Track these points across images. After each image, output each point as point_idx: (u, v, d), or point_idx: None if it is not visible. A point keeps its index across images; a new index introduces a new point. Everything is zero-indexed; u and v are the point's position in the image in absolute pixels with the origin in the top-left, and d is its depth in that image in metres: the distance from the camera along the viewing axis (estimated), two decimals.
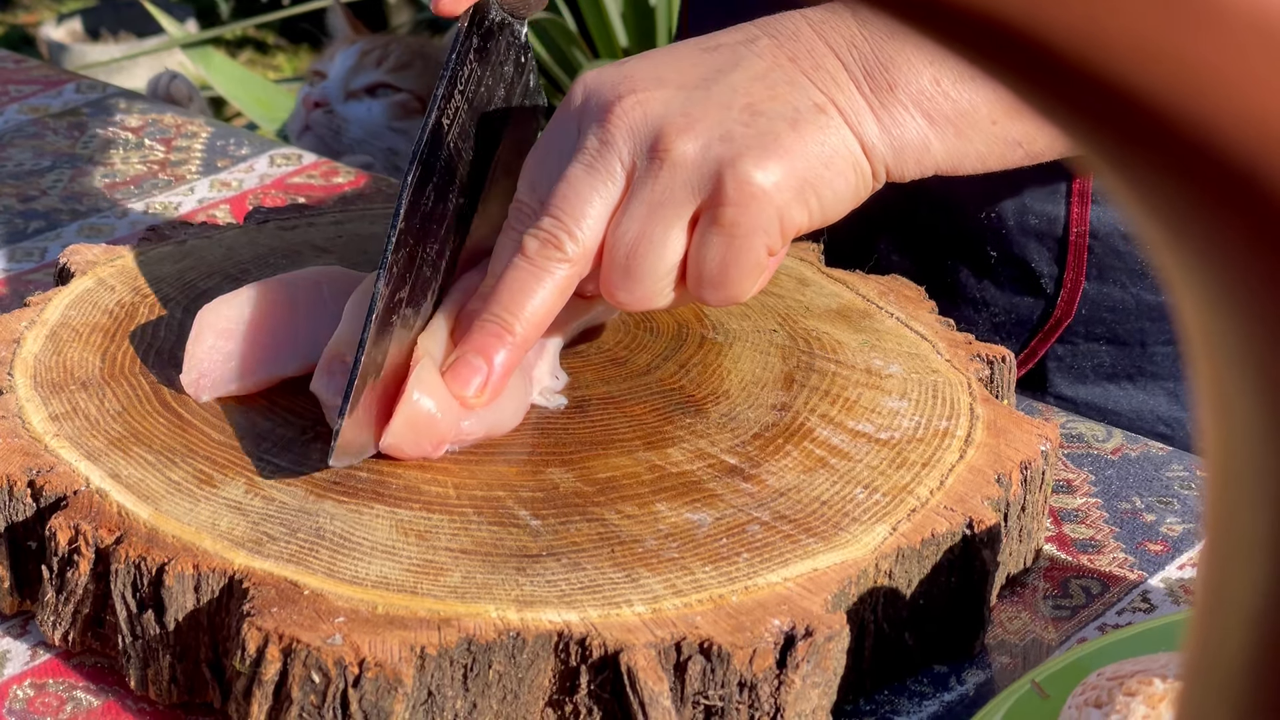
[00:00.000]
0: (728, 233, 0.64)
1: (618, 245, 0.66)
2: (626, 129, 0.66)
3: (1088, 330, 0.88)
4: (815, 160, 0.66)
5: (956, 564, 0.63)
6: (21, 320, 0.73)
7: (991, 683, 0.64)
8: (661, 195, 0.65)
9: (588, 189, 0.66)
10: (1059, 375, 0.89)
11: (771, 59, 0.67)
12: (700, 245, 0.65)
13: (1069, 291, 0.87)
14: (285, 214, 0.85)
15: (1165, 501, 0.73)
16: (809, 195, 0.66)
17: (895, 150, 0.68)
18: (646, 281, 0.66)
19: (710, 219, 0.65)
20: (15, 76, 1.16)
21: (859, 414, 0.69)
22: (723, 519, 0.63)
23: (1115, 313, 0.87)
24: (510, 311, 0.66)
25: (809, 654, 0.57)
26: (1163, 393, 0.89)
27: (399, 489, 0.64)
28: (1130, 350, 0.88)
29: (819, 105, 0.66)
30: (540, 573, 0.59)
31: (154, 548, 0.60)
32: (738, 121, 0.65)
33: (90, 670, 0.63)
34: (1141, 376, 0.88)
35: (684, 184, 0.65)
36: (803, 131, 0.66)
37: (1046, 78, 0.20)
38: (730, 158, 0.64)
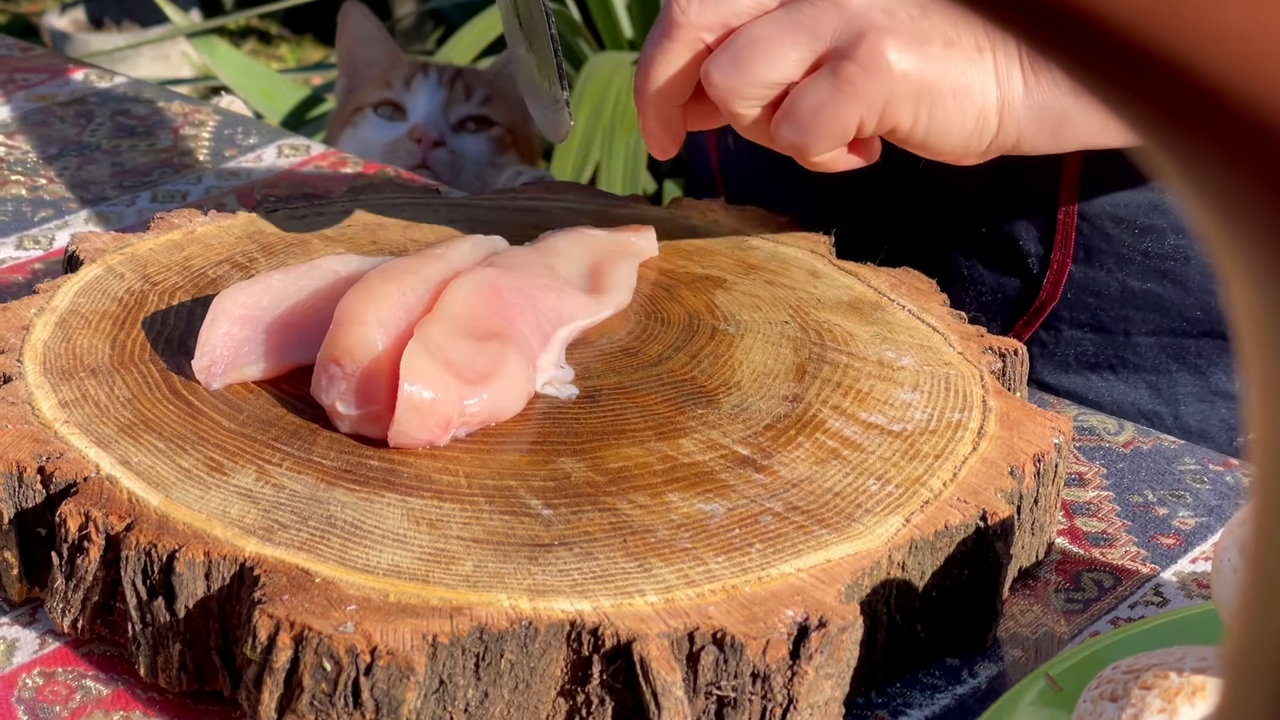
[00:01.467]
0: (838, 85, 0.67)
1: (744, 32, 0.68)
2: None
3: (1072, 316, 0.87)
4: (947, 81, 0.69)
5: (969, 556, 0.63)
6: (31, 307, 0.73)
7: (1003, 675, 0.63)
8: (808, 19, 0.68)
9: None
10: (1041, 362, 0.89)
11: None
12: (809, 84, 0.68)
13: (1055, 273, 0.86)
14: (293, 203, 0.85)
15: (1177, 495, 0.73)
16: (923, 104, 0.68)
17: (1034, 115, 0.70)
18: (745, 78, 0.68)
19: (832, 68, 0.67)
20: (22, 65, 1.16)
21: (871, 406, 0.69)
22: (735, 509, 0.63)
23: (1100, 298, 0.87)
24: (644, 74, 0.72)
25: (822, 645, 0.57)
26: (1144, 385, 0.88)
27: (410, 478, 0.64)
28: (1113, 339, 0.87)
29: (980, 47, 0.69)
30: (552, 562, 0.59)
31: (164, 535, 0.60)
32: (907, 10, 0.68)
33: (99, 659, 0.63)
34: (1124, 368, 0.88)
35: (832, 23, 0.68)
36: (953, 53, 0.69)
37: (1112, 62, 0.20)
38: (882, 27, 0.67)
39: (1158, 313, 0.86)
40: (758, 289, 0.78)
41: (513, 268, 0.73)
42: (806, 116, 0.67)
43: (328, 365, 0.66)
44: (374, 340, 0.66)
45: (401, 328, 0.67)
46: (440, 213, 0.85)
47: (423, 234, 0.82)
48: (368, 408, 0.65)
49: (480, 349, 0.67)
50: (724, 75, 0.68)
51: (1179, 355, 0.87)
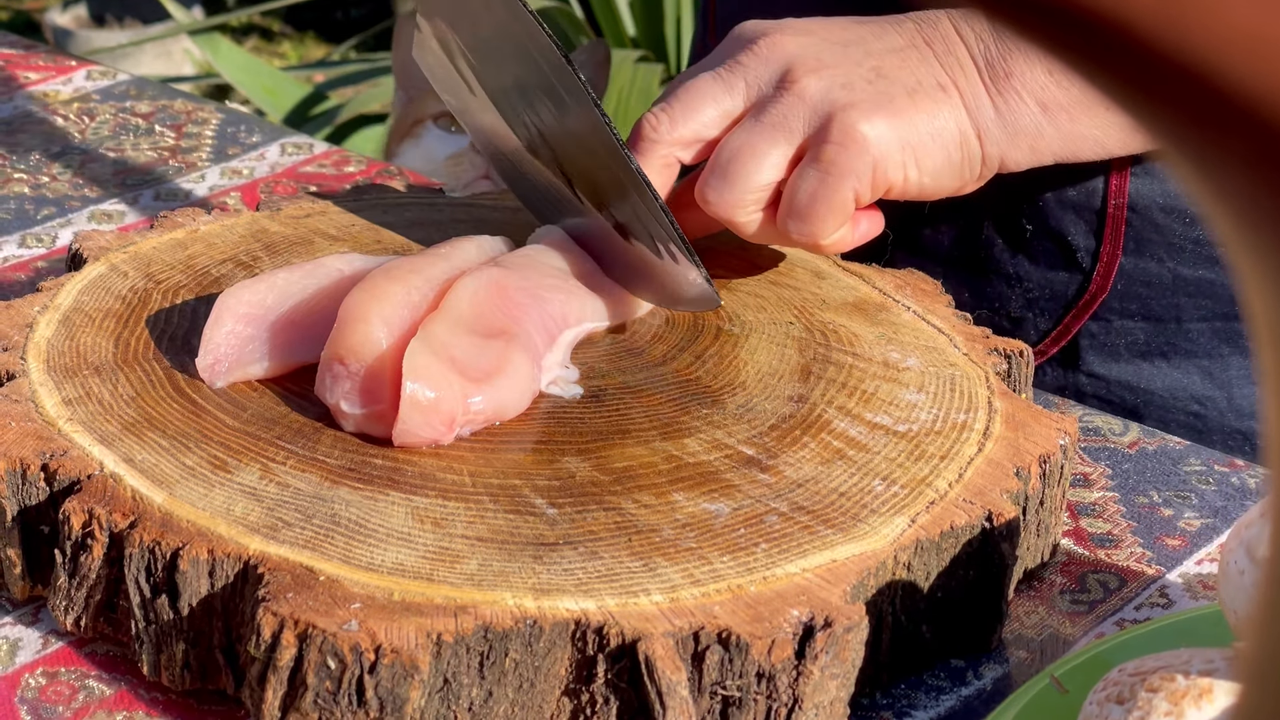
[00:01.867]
0: (824, 169, 0.70)
1: (723, 149, 0.72)
2: (763, 57, 0.72)
3: (1122, 306, 0.88)
4: (923, 129, 0.72)
5: (975, 557, 0.63)
6: (34, 305, 0.73)
7: (1008, 677, 0.63)
8: (776, 118, 0.71)
9: (706, 91, 0.72)
10: (1092, 353, 0.89)
11: (910, 38, 0.74)
12: (797, 176, 0.71)
13: (1105, 266, 0.87)
14: (297, 201, 0.85)
15: (1183, 496, 0.73)
16: (909, 158, 0.71)
17: (1009, 135, 0.73)
18: (738, 189, 0.71)
19: (812, 155, 0.70)
20: (25, 63, 1.15)
21: (876, 406, 0.69)
22: (740, 509, 0.62)
23: (1151, 288, 0.87)
24: None
25: (828, 645, 0.57)
26: (1197, 370, 0.88)
27: (414, 476, 0.64)
28: (1165, 327, 0.88)
29: (941, 85, 0.73)
30: (557, 561, 0.59)
31: (168, 533, 0.59)
32: (863, 78, 0.71)
33: (102, 659, 0.63)
34: (1176, 354, 0.88)
35: (799, 114, 0.71)
36: (919, 101, 0.72)
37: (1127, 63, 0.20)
38: (845, 103, 0.70)
39: (1210, 298, 0.87)
40: (762, 289, 0.78)
41: (520, 267, 0.73)
42: (805, 207, 0.70)
43: (332, 364, 0.66)
44: (378, 339, 0.66)
45: (406, 327, 0.67)
46: (444, 212, 0.85)
47: (427, 234, 0.82)
48: (372, 407, 0.65)
49: (485, 347, 0.67)
50: (718, 193, 0.71)
51: (1231, 339, 0.88)
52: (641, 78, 2.10)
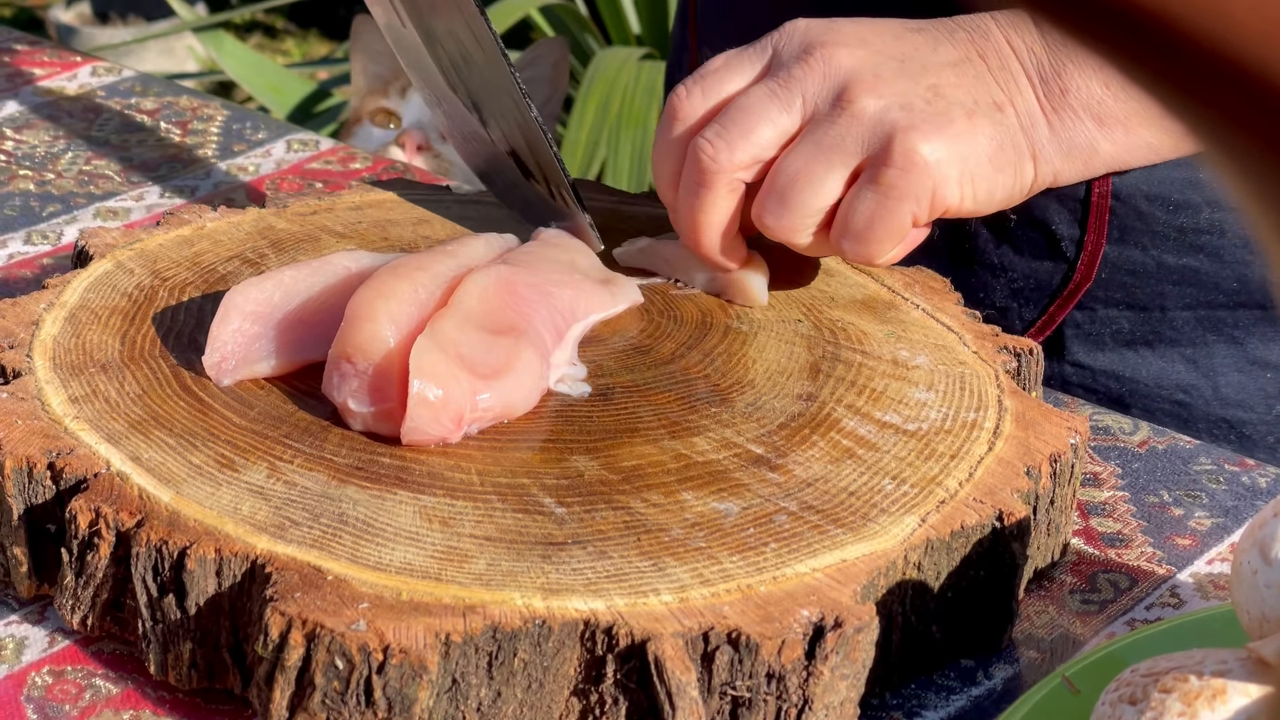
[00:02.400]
0: (883, 192, 0.69)
1: (780, 173, 0.71)
2: (820, 72, 0.71)
3: (1106, 295, 0.87)
4: (981, 151, 0.71)
5: (985, 557, 0.62)
6: (40, 302, 0.73)
7: (1019, 677, 0.63)
8: (834, 140, 0.70)
9: (762, 112, 0.71)
10: (1076, 343, 0.89)
11: (964, 51, 0.73)
12: (854, 198, 0.70)
13: (1089, 255, 0.87)
14: (304, 198, 0.85)
15: (1193, 495, 0.72)
16: (965, 181, 0.70)
17: (1064, 153, 0.73)
18: (796, 214, 0.70)
19: (870, 176, 0.70)
20: (30, 59, 1.15)
21: (886, 405, 0.69)
22: (750, 509, 0.62)
23: (1135, 276, 0.87)
24: (692, 228, 0.73)
25: (838, 645, 0.56)
26: (1181, 359, 0.88)
27: (422, 475, 0.63)
28: (1149, 316, 0.87)
29: (997, 103, 0.72)
30: (566, 560, 0.59)
31: (175, 531, 0.59)
32: (921, 97, 0.70)
33: (109, 657, 0.62)
34: (1160, 343, 0.88)
35: (856, 136, 0.70)
36: (976, 122, 0.71)
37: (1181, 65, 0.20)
38: (905, 125, 0.69)
39: (1194, 287, 0.86)
40: (771, 287, 0.78)
41: (529, 263, 0.72)
42: (862, 229, 0.70)
43: (339, 362, 0.66)
44: (385, 337, 0.66)
45: (413, 324, 0.67)
46: (451, 209, 0.84)
47: (434, 230, 0.82)
48: (380, 405, 0.65)
49: (494, 343, 0.67)
50: (776, 217, 0.71)
51: (1215, 327, 0.87)
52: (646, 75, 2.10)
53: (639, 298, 0.76)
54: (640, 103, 2.05)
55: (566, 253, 0.75)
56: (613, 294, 0.74)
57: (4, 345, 0.70)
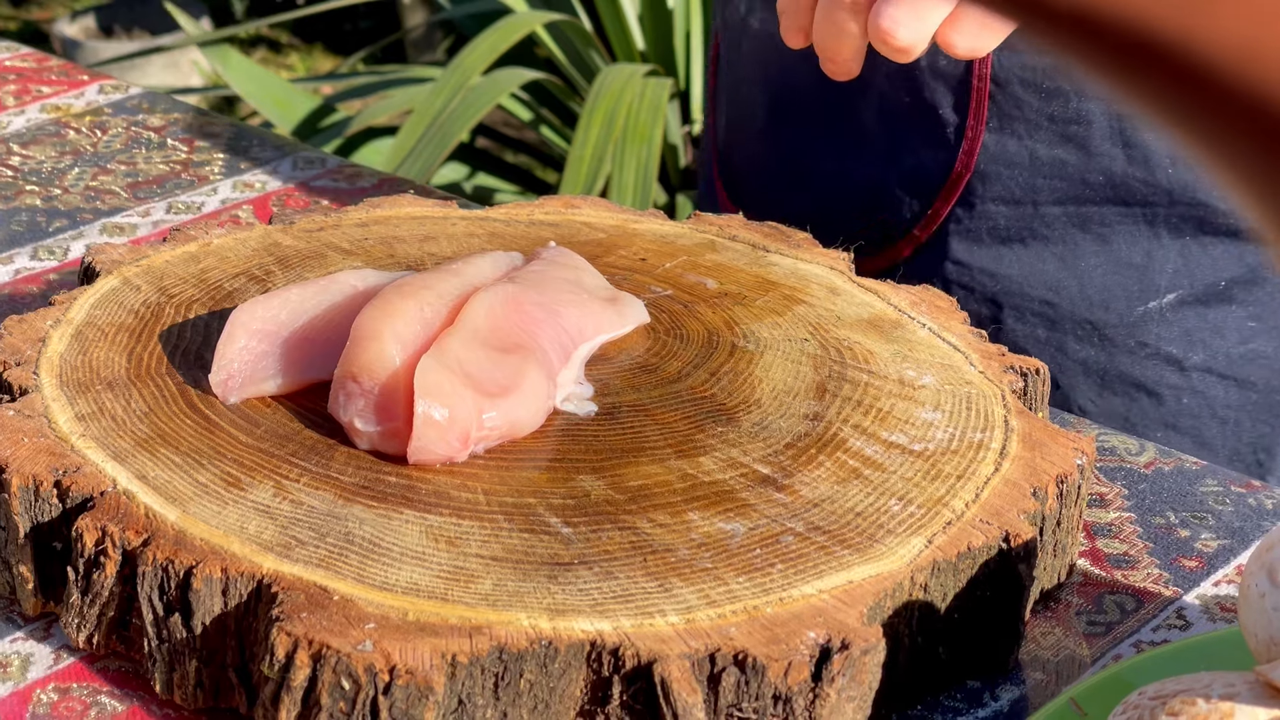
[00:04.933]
0: None
1: None
2: None
3: (985, 190, 0.89)
4: None
5: (992, 578, 0.62)
6: (47, 319, 0.73)
7: (1025, 699, 0.63)
8: None
9: None
10: (957, 239, 0.91)
11: None
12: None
13: (969, 143, 0.89)
14: (310, 216, 0.85)
15: (1199, 517, 0.72)
16: None
17: None
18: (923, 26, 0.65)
19: None
20: (37, 76, 1.15)
21: (892, 425, 0.69)
22: (756, 529, 0.62)
23: (1011, 168, 0.89)
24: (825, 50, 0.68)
25: (845, 667, 0.56)
26: (1052, 258, 0.90)
27: (428, 494, 0.63)
28: (1023, 210, 0.89)
29: None
30: (572, 581, 0.59)
31: (182, 550, 0.59)
32: None
33: (114, 675, 0.62)
34: (1033, 239, 0.90)
35: None
36: None
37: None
38: None
39: (1063, 180, 0.88)
40: (777, 306, 0.78)
41: (536, 282, 0.72)
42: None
43: (345, 382, 0.66)
44: (391, 356, 0.66)
45: (419, 343, 0.67)
46: (457, 226, 0.84)
47: (440, 247, 0.82)
48: (386, 424, 0.65)
49: (500, 361, 0.67)
50: None
51: (1083, 224, 0.89)
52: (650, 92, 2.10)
53: (645, 318, 0.76)
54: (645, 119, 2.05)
55: (573, 271, 0.75)
56: (620, 314, 0.74)
57: (11, 362, 0.70)
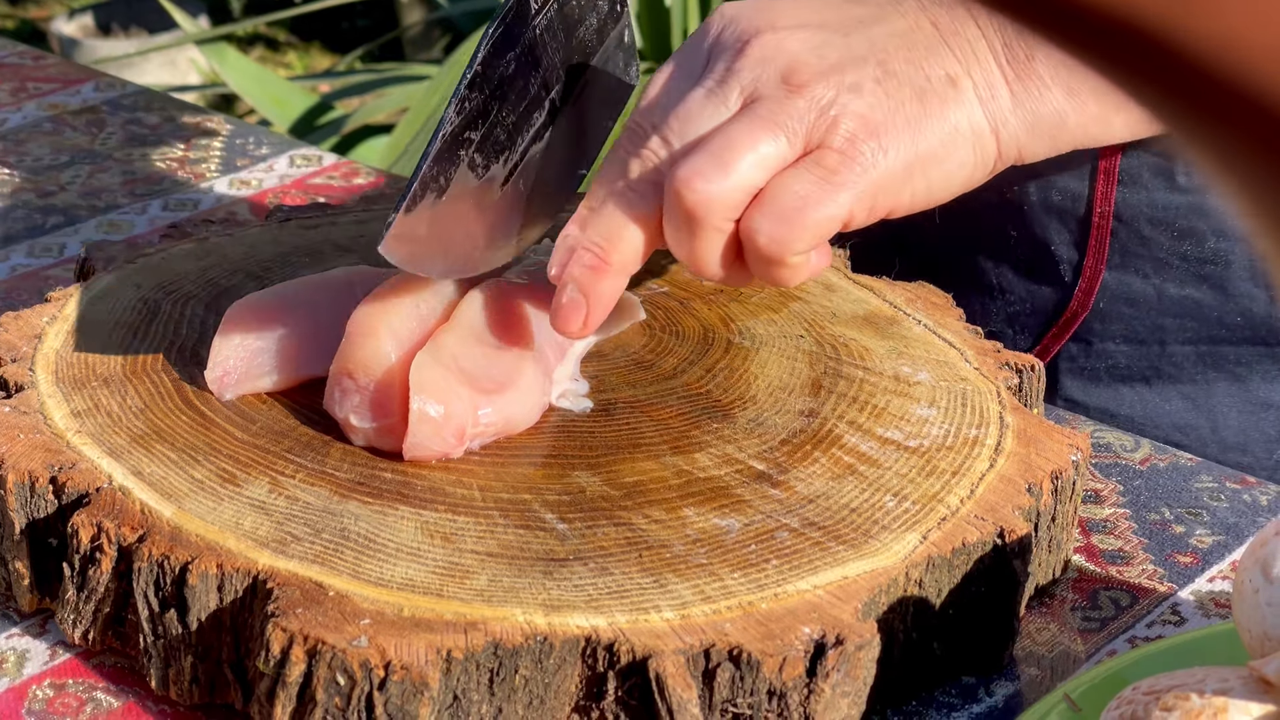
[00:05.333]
0: (821, 174, 0.63)
1: (715, 137, 0.63)
2: (757, 60, 0.65)
3: (1103, 328, 0.84)
4: (933, 139, 0.65)
5: (987, 574, 0.62)
6: (43, 316, 0.73)
7: (1020, 695, 0.63)
8: (776, 114, 0.63)
9: (701, 113, 0.65)
10: (1069, 377, 0.85)
11: (915, 19, 0.67)
12: (790, 175, 0.63)
13: (1088, 280, 0.83)
14: (307, 213, 0.85)
15: (1194, 513, 0.72)
16: (916, 174, 0.65)
17: (1029, 126, 0.67)
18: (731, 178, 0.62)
19: (814, 159, 0.63)
20: (34, 74, 1.15)
21: (888, 421, 0.69)
22: (751, 525, 0.62)
23: (1134, 306, 0.83)
24: (607, 239, 0.64)
25: (839, 663, 0.56)
26: (1179, 397, 0.84)
27: (424, 490, 0.63)
28: (1148, 349, 0.84)
29: (952, 77, 0.66)
30: (567, 577, 0.59)
31: (177, 547, 0.59)
32: (870, 76, 0.65)
33: (110, 671, 0.62)
34: (1158, 379, 0.84)
35: (801, 116, 0.64)
36: (928, 105, 0.65)
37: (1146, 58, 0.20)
38: (852, 112, 0.64)
39: (1196, 320, 0.82)
40: (772, 302, 0.78)
41: (531, 279, 0.72)
42: (790, 210, 0.63)
43: (341, 379, 0.66)
44: (387, 353, 0.66)
45: (415, 340, 0.67)
46: None
47: None
48: (382, 421, 0.65)
49: (496, 358, 0.67)
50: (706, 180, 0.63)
51: (1217, 363, 0.83)
52: None
53: (641, 315, 0.76)
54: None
55: None
56: (616, 311, 0.74)
57: (6, 359, 0.70)
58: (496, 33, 0.66)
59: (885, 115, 0.64)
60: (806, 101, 0.64)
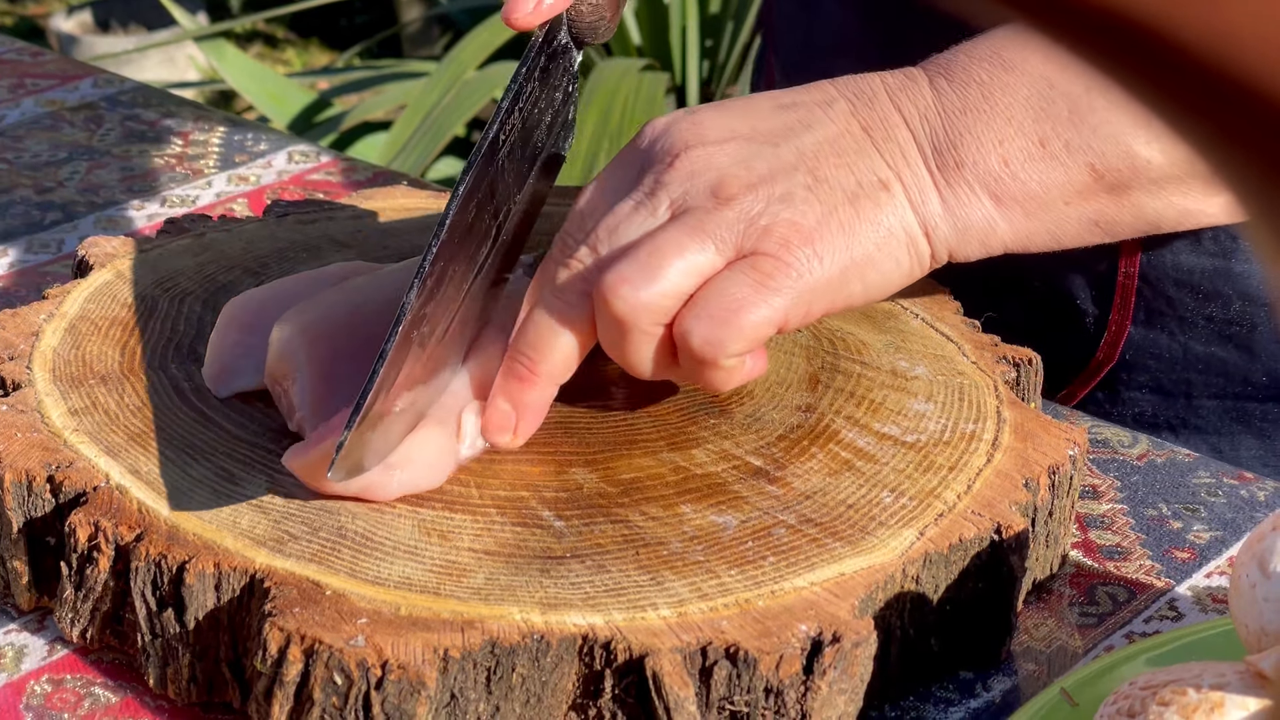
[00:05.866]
0: (756, 277, 0.62)
1: (643, 244, 0.63)
2: (686, 174, 0.64)
3: (1130, 378, 0.84)
4: (867, 242, 0.65)
5: (983, 570, 0.62)
6: (40, 313, 0.73)
7: (1017, 690, 0.63)
8: (705, 224, 0.63)
9: (629, 223, 0.64)
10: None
11: (844, 124, 0.67)
12: (725, 278, 0.63)
13: (1113, 334, 0.83)
14: (304, 208, 0.85)
15: (1192, 509, 0.72)
16: (852, 278, 0.64)
17: (959, 231, 0.67)
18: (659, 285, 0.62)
19: (749, 263, 0.63)
20: (32, 70, 1.15)
21: (885, 416, 0.69)
22: (748, 522, 0.62)
23: (1160, 361, 0.83)
24: (535, 349, 0.64)
25: (836, 660, 0.56)
26: (1206, 447, 0.85)
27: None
28: (1174, 401, 0.84)
29: (883, 181, 0.66)
30: (564, 575, 0.59)
31: (174, 545, 0.59)
32: (800, 184, 0.64)
33: (108, 666, 0.63)
34: (1185, 429, 0.85)
35: (731, 226, 0.63)
36: (861, 209, 0.65)
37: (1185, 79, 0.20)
38: (784, 219, 0.63)
39: (1222, 377, 0.83)
40: None
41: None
42: (725, 311, 0.62)
43: (273, 386, 0.66)
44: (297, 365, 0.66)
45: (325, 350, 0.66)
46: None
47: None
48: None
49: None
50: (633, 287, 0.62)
51: (1244, 419, 0.84)
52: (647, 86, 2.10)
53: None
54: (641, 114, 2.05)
55: None
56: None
57: (4, 357, 0.70)
58: (465, 189, 0.64)
59: (818, 221, 0.64)
60: (735, 213, 0.63)
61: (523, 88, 0.68)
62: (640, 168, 0.66)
